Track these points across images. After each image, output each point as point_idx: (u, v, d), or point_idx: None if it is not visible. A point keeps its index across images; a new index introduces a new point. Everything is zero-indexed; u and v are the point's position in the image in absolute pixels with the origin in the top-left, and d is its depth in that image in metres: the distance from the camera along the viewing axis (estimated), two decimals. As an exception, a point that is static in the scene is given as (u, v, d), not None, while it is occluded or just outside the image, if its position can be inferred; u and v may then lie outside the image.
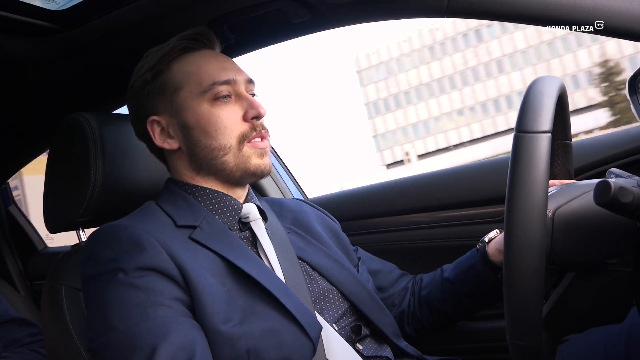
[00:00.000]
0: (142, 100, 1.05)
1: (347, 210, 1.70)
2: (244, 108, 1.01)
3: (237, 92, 1.02)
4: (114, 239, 0.90)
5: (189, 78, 1.01)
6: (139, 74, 1.05)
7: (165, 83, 1.03)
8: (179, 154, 1.05)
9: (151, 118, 1.04)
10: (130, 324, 0.81)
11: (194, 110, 1.00)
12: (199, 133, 1.00)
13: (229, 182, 1.04)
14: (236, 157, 1.00)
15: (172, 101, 1.02)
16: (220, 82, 1.00)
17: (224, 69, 1.02)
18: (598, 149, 1.39)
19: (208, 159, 1.01)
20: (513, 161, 0.70)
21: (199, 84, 1.00)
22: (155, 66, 1.03)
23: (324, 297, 1.02)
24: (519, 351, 0.71)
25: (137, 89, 1.06)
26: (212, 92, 0.99)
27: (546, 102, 0.72)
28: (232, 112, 1.00)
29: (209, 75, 1.00)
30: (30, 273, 2.31)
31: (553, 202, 0.80)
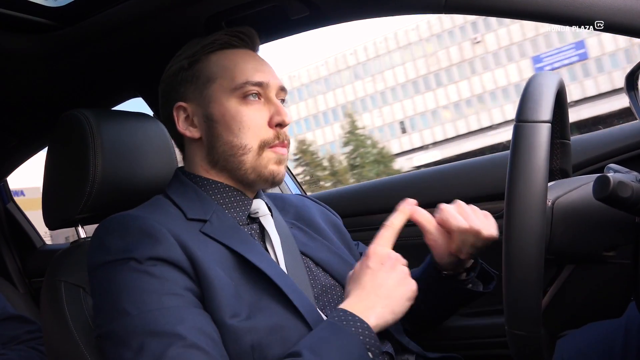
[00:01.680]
0: (174, 85, 1.06)
1: (348, 207, 1.70)
2: (270, 112, 1.02)
3: (268, 96, 1.03)
4: (125, 228, 0.89)
5: (224, 72, 1.02)
6: (177, 60, 1.07)
7: (200, 72, 1.04)
8: (198, 143, 1.05)
9: (178, 104, 1.05)
10: (143, 310, 0.80)
11: (222, 104, 1.01)
12: (222, 127, 1.01)
13: (241, 182, 1.04)
14: (255, 159, 1.00)
15: (203, 91, 1.03)
16: (253, 83, 1.00)
17: (260, 70, 1.03)
18: (597, 145, 1.39)
19: (227, 154, 1.01)
20: (513, 150, 0.70)
21: (232, 79, 1.01)
22: (194, 55, 1.05)
23: (327, 292, 1.02)
24: (518, 341, 0.71)
25: (172, 73, 1.07)
26: (243, 90, 1.00)
27: (546, 93, 0.72)
28: (257, 114, 1.01)
29: (243, 74, 1.01)
30: (28, 270, 2.31)
31: (552, 192, 0.80)
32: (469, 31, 48.43)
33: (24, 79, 1.37)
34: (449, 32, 50.23)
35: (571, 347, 1.00)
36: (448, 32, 50.17)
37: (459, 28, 49.29)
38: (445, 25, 49.81)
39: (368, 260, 0.90)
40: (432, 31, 50.80)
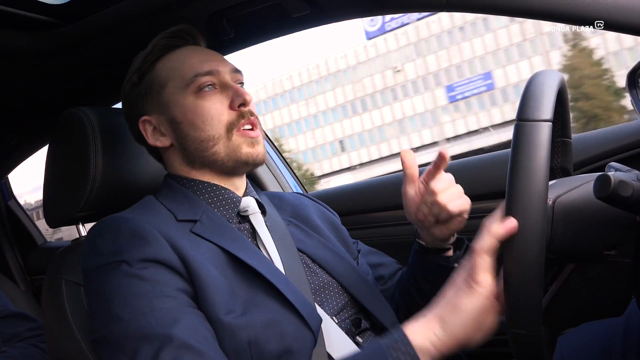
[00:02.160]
0: (132, 102, 1.07)
1: (346, 205, 1.70)
2: (229, 97, 1.01)
3: (222, 81, 1.02)
4: (116, 231, 0.89)
5: (173, 74, 1.02)
6: (128, 77, 1.08)
7: (151, 82, 1.04)
8: (172, 150, 1.06)
9: (142, 118, 1.06)
10: (136, 314, 0.80)
11: (180, 104, 1.01)
12: (187, 126, 1.01)
13: (224, 172, 1.04)
14: (226, 146, 1.00)
15: (159, 99, 1.03)
16: (202, 73, 1.00)
17: (206, 60, 1.03)
18: (598, 143, 1.39)
19: (199, 151, 1.01)
20: (514, 149, 0.70)
21: (182, 77, 1.01)
22: (140, 68, 1.05)
23: (324, 289, 1.02)
24: (518, 340, 0.71)
25: (127, 92, 1.08)
26: (196, 84, 1.00)
27: (547, 91, 0.72)
28: (217, 102, 1.01)
29: (191, 68, 1.01)
30: (30, 268, 2.32)
31: (553, 191, 0.80)
32: (391, 60, 51.26)
33: (25, 76, 1.37)
34: (373, 60, 52.79)
35: (572, 345, 1.00)
36: (372, 60, 52.71)
37: (382, 56, 52.15)
38: (370, 54, 52.68)
39: (476, 287, 0.74)
40: (359, 59, 53.35)
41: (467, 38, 47.98)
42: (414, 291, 1.17)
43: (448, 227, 1.02)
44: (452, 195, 0.98)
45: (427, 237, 1.07)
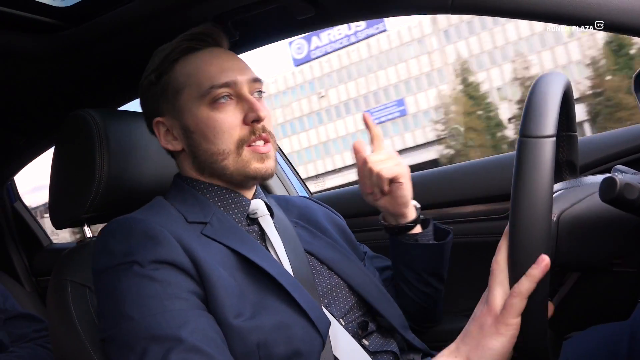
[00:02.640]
0: (148, 101, 1.06)
1: (350, 207, 1.70)
2: (244, 111, 0.99)
3: (238, 93, 1.00)
4: (128, 231, 0.89)
5: (189, 80, 1.00)
6: (146, 74, 1.06)
7: (167, 85, 1.02)
8: (183, 154, 1.05)
9: (156, 119, 1.05)
10: (146, 314, 0.80)
11: (194, 114, 0.99)
12: (199, 137, 0.99)
13: (232, 184, 1.04)
14: (235, 161, 0.99)
15: (174, 104, 1.02)
16: (218, 85, 0.98)
17: (224, 70, 1.00)
18: (604, 146, 1.38)
19: (209, 162, 1.01)
20: (517, 166, 0.69)
21: (198, 87, 0.99)
22: (158, 67, 1.03)
23: (332, 291, 1.02)
24: (525, 349, 0.71)
25: (144, 88, 1.06)
26: (211, 96, 0.98)
27: (550, 103, 0.71)
28: (231, 116, 0.98)
29: (208, 78, 0.98)
30: (35, 269, 2.33)
31: (558, 205, 0.79)
32: (316, 86, 54.39)
33: (31, 78, 1.37)
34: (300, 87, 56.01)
35: (577, 349, 1.00)
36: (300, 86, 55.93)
37: (308, 83, 55.35)
38: (297, 80, 56.13)
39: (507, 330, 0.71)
40: (287, 85, 56.47)
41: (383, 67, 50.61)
42: (400, 282, 1.20)
43: (392, 196, 1.09)
44: (384, 162, 1.05)
45: (389, 219, 1.16)
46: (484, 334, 0.72)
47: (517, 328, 0.70)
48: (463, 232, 1.52)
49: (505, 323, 0.70)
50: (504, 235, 0.73)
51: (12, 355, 1.45)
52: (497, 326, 0.71)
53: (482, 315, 0.73)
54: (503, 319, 0.70)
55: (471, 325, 0.75)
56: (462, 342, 0.76)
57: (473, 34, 46.95)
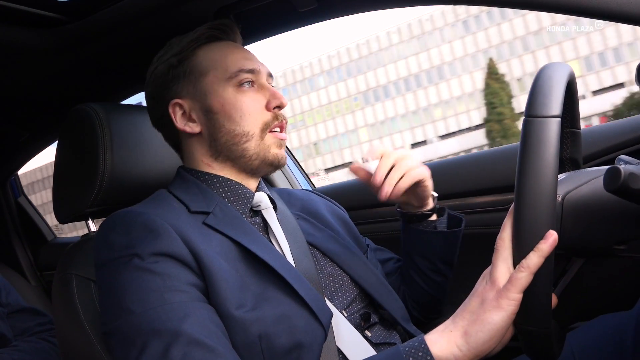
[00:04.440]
0: (166, 84, 1.06)
1: (353, 200, 1.70)
2: (266, 97, 1.04)
3: (260, 82, 1.05)
4: (128, 224, 0.90)
5: (215, 64, 1.03)
6: (162, 59, 1.07)
7: (191, 67, 1.05)
8: (198, 138, 1.05)
9: (174, 101, 1.05)
10: (147, 308, 0.81)
11: (220, 95, 1.02)
12: (224, 118, 1.02)
13: (245, 170, 1.05)
14: (258, 144, 1.02)
15: (197, 86, 1.04)
16: (246, 70, 1.03)
17: (249, 59, 1.05)
18: (608, 136, 1.38)
19: (230, 144, 1.02)
20: (522, 146, 0.70)
21: (225, 70, 1.02)
22: (181, 52, 1.06)
23: (334, 282, 1.03)
24: (529, 337, 0.71)
25: (160, 72, 1.07)
26: (238, 79, 1.02)
27: (556, 86, 0.72)
28: (255, 100, 1.03)
29: (235, 63, 1.03)
30: (40, 263, 2.34)
31: (562, 187, 0.80)
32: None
33: (34, 73, 1.37)
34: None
35: (581, 339, 1.00)
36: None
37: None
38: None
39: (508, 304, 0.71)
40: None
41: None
42: (412, 271, 1.20)
43: (415, 193, 1.10)
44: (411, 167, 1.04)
45: (407, 207, 1.16)
46: (484, 308, 0.73)
47: (518, 304, 0.71)
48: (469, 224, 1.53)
49: (508, 297, 0.71)
50: (508, 213, 0.73)
51: (16, 350, 1.45)
52: (499, 300, 0.71)
53: (485, 290, 0.74)
54: (506, 292, 0.71)
55: (471, 300, 0.76)
56: (460, 317, 0.76)
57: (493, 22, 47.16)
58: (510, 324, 0.72)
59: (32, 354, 1.45)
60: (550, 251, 0.68)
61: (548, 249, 0.68)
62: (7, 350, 1.43)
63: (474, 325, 0.73)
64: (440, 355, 0.74)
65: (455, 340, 0.74)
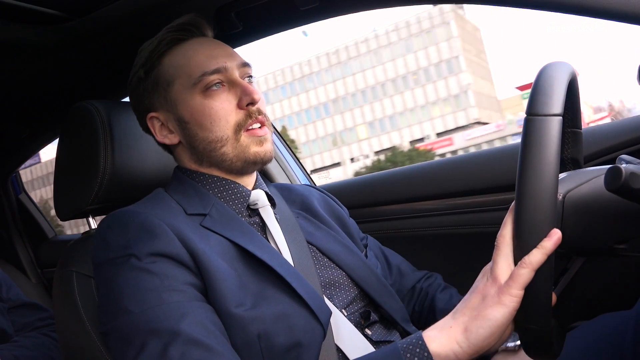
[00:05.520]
0: (139, 97, 1.05)
1: (356, 198, 1.70)
2: (237, 95, 0.99)
3: (230, 79, 1.00)
4: (126, 225, 0.90)
5: (180, 71, 1.00)
6: (134, 71, 1.05)
7: (158, 78, 1.02)
8: (180, 147, 1.05)
9: (150, 114, 1.04)
10: (145, 308, 0.81)
11: (188, 104, 0.99)
12: (195, 126, 0.99)
13: (232, 172, 1.03)
14: (234, 147, 0.99)
15: (166, 96, 1.02)
16: (210, 72, 0.98)
17: (213, 57, 1.00)
18: (609, 136, 1.38)
19: (207, 151, 1.00)
20: (523, 144, 0.70)
21: (189, 76, 0.98)
22: (146, 62, 1.03)
23: (334, 282, 1.02)
24: (529, 335, 0.71)
25: (133, 86, 1.06)
26: (203, 83, 0.98)
27: (557, 85, 0.71)
28: (225, 101, 0.98)
29: (198, 66, 0.98)
30: (40, 261, 2.34)
31: (563, 186, 0.80)
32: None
33: (35, 70, 1.37)
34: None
35: (582, 338, 1.00)
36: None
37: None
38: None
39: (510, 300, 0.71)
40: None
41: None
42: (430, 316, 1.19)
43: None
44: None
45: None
46: (485, 304, 0.72)
47: (519, 301, 0.70)
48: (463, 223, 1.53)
49: (510, 294, 0.70)
50: (509, 210, 0.73)
51: (16, 345, 1.45)
52: (501, 296, 0.71)
53: (486, 287, 0.73)
54: (508, 289, 0.70)
55: (472, 297, 0.75)
56: (460, 313, 0.75)
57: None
58: (511, 320, 0.72)
59: (33, 349, 1.45)
60: (553, 249, 0.68)
61: (551, 247, 0.68)
62: (7, 346, 1.43)
63: (474, 321, 0.73)
64: (439, 352, 0.74)
65: (456, 337, 0.74)
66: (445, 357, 0.73)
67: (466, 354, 0.73)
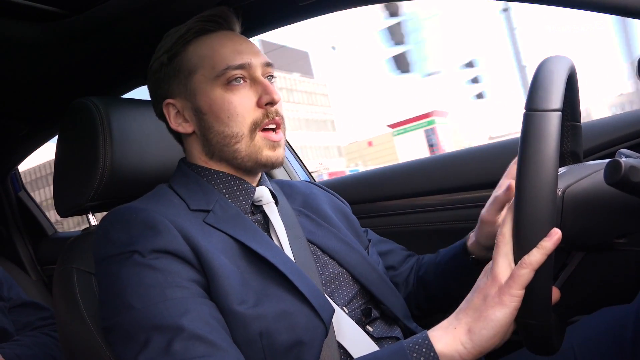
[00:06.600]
0: (158, 83, 1.05)
1: (357, 193, 1.70)
2: (258, 93, 0.99)
3: (253, 76, 1.00)
4: (129, 221, 0.89)
5: (204, 61, 1.00)
6: (157, 56, 1.05)
7: (180, 66, 1.02)
8: (193, 137, 1.04)
9: (167, 101, 1.04)
10: (148, 304, 0.81)
11: (207, 95, 0.99)
12: (212, 119, 0.99)
13: (240, 169, 1.03)
14: (248, 146, 0.99)
15: (187, 85, 1.01)
16: (234, 67, 0.98)
17: (239, 52, 1.00)
18: (608, 129, 1.38)
19: (220, 145, 1.00)
20: (523, 139, 0.69)
21: (213, 67, 0.98)
22: (171, 48, 1.03)
23: (335, 280, 1.02)
24: (529, 330, 0.71)
25: (154, 70, 1.05)
26: (226, 77, 0.98)
27: (556, 80, 0.71)
28: (245, 98, 0.98)
29: (222, 59, 0.98)
30: (40, 258, 2.34)
31: (563, 181, 0.80)
32: None
33: (34, 67, 1.37)
34: None
35: (582, 333, 1.00)
36: None
37: None
38: None
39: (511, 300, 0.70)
40: None
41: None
42: (439, 289, 1.18)
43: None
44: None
45: (481, 252, 1.09)
46: (487, 305, 0.72)
47: (520, 300, 0.70)
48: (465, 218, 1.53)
49: (510, 294, 0.70)
50: (509, 208, 0.73)
51: (17, 344, 1.45)
52: (501, 297, 0.71)
53: (487, 287, 0.73)
54: (508, 289, 0.70)
55: (474, 297, 0.75)
56: (464, 314, 0.75)
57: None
58: (513, 319, 0.72)
59: (34, 348, 1.45)
60: (553, 249, 0.68)
61: (551, 247, 0.68)
62: (9, 345, 1.43)
63: (477, 322, 0.73)
64: (444, 352, 0.73)
65: (460, 337, 0.74)
66: (450, 357, 0.73)
67: (470, 354, 0.73)
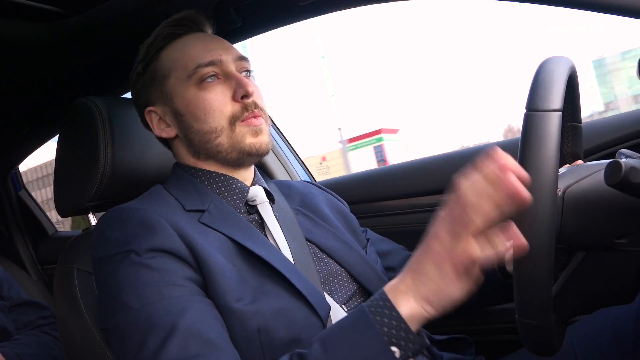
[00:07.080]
0: (138, 93, 1.07)
1: (357, 193, 1.70)
2: (232, 88, 1.00)
3: (225, 72, 1.00)
4: (125, 221, 0.90)
5: (176, 64, 1.01)
6: (134, 66, 1.07)
7: (155, 72, 1.04)
8: (177, 140, 1.05)
9: (148, 109, 1.05)
10: (145, 303, 0.81)
11: (183, 96, 1.00)
12: (190, 118, 1.00)
13: (229, 164, 1.03)
14: (229, 137, 0.99)
15: (163, 90, 1.03)
16: (204, 64, 0.99)
17: (209, 50, 1.01)
18: (608, 130, 1.38)
19: (203, 143, 1.01)
20: (523, 139, 0.69)
21: (184, 68, 1.00)
22: (145, 57, 1.05)
23: (333, 278, 1.02)
24: (529, 330, 0.71)
25: (133, 81, 1.08)
26: (198, 76, 0.99)
27: (557, 80, 0.71)
28: (219, 94, 0.99)
29: (193, 59, 1.00)
30: (41, 257, 2.34)
31: (563, 181, 0.80)
32: None
33: (34, 67, 1.37)
34: None
35: (582, 333, 1.00)
36: None
37: None
38: None
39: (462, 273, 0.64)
40: None
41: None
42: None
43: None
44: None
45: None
46: (445, 281, 0.65)
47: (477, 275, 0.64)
48: None
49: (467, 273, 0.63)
50: None
51: (18, 343, 1.45)
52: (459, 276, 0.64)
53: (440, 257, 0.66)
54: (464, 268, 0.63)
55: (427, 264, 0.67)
56: (421, 283, 0.67)
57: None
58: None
59: (34, 347, 1.46)
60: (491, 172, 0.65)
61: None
62: (9, 344, 1.44)
63: (436, 295, 0.66)
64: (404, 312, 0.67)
65: (421, 304, 0.67)
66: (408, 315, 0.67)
67: (431, 315, 0.67)
